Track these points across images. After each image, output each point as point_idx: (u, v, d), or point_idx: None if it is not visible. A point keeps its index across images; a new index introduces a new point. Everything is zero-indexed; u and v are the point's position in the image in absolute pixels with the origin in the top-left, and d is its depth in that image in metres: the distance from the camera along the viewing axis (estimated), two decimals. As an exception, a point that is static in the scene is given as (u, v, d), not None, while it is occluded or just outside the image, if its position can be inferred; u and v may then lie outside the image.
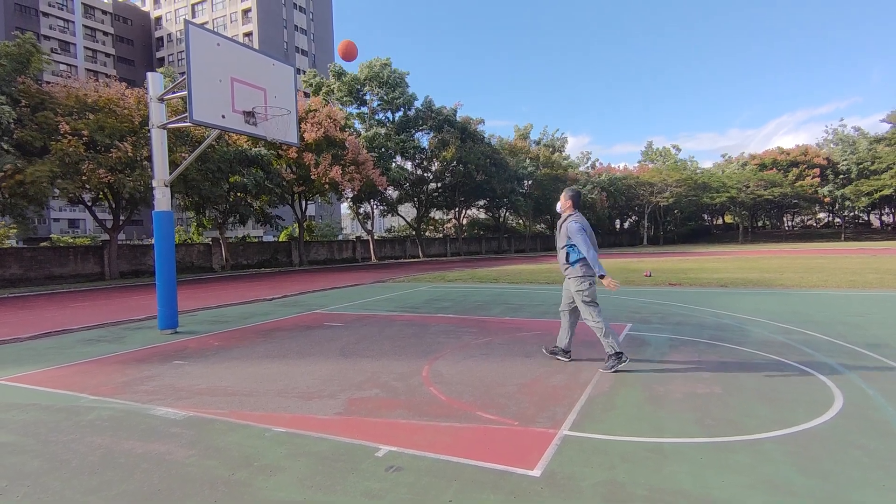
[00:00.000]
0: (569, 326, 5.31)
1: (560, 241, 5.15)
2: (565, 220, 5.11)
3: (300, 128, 21.26)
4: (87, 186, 19.22)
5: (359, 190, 30.55)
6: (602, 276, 4.84)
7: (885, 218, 70.58)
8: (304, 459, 3.09)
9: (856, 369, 4.82)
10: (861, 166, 56.38)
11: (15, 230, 26.95)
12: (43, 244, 30.81)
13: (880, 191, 53.30)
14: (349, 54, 5.23)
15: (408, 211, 48.42)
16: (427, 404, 4.09)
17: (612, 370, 4.89)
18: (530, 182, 49.68)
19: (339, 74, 37.73)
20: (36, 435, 3.64)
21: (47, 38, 60.94)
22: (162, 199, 7.93)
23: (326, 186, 28.82)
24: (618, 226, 76.12)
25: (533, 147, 54.20)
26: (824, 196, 60.62)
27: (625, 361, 4.92)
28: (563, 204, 5.21)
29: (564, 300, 5.33)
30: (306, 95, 33.34)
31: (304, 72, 44.56)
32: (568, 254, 5.03)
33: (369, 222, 40.54)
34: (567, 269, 5.08)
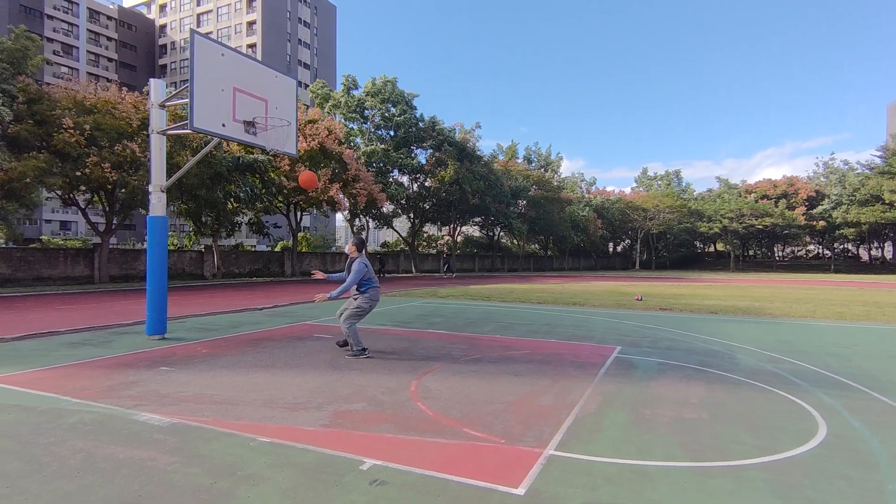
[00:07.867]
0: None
1: (353, 275, 6.62)
2: (353, 260, 6.64)
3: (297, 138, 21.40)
4: (79, 185, 18.89)
5: (363, 205, 30.65)
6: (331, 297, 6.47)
7: (873, 252, 71.40)
8: (288, 470, 3.07)
9: (841, 400, 4.86)
10: (852, 197, 57.09)
11: (2, 232, 26.48)
12: (32, 245, 30.47)
13: (870, 220, 53.56)
14: (309, 183, 7.90)
15: (402, 225, 48.52)
16: (414, 419, 4.07)
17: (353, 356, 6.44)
18: (525, 202, 49.98)
19: (349, 89, 38.01)
20: (16, 436, 3.59)
21: (50, 40, 61.24)
22: (157, 204, 7.93)
23: (324, 204, 28.82)
24: (611, 249, 76.56)
25: (527, 165, 54.65)
26: (816, 221, 61.17)
27: (368, 355, 6.51)
28: (349, 249, 6.87)
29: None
30: (307, 107, 33.56)
31: (307, 85, 44.79)
32: (361, 284, 6.61)
33: (364, 235, 40.57)
34: (356, 293, 6.74)
